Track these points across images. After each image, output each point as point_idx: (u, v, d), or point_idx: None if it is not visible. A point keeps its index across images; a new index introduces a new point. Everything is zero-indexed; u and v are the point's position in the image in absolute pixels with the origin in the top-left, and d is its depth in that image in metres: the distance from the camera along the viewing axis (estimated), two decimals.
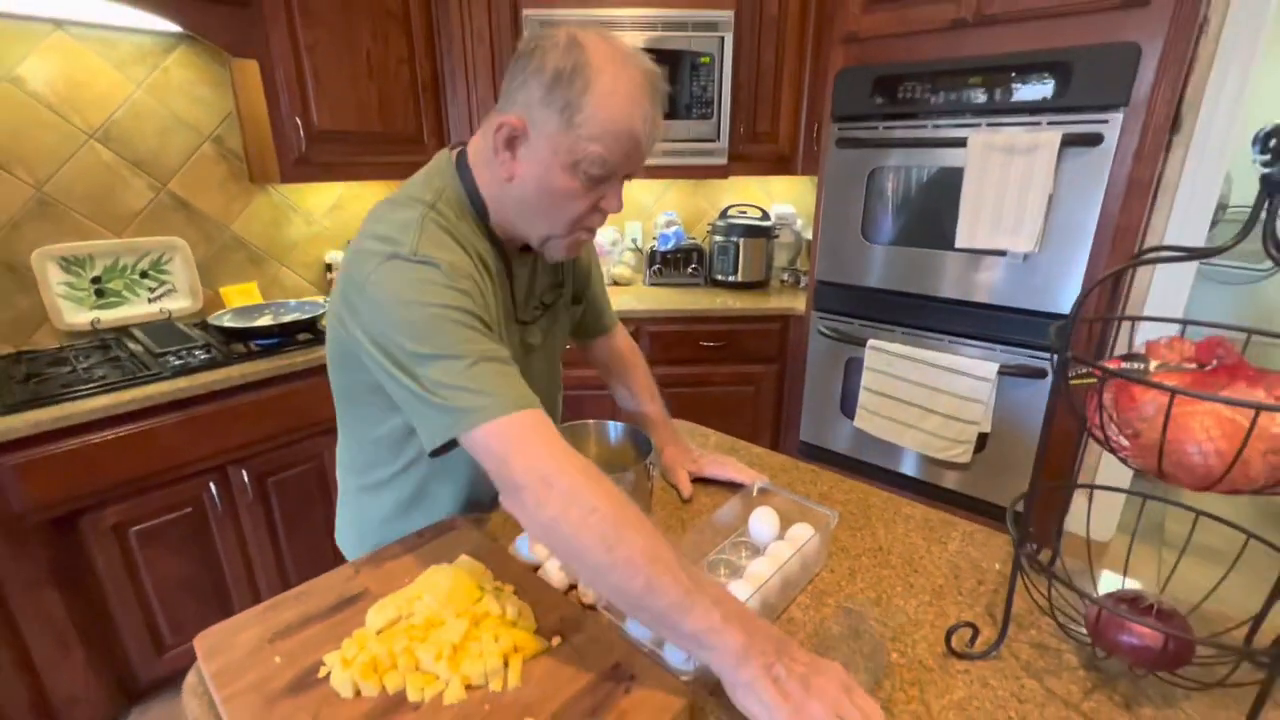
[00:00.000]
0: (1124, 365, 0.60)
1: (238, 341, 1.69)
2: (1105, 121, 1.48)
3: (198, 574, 1.62)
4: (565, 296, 0.94)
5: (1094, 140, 1.50)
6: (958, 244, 1.69)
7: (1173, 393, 0.49)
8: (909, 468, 2.01)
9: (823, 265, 2.06)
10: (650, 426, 1.03)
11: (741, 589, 0.67)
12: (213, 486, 1.58)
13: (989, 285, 1.73)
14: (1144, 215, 1.54)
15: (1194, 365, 0.57)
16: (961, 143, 1.65)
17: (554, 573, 0.74)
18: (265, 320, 1.79)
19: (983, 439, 1.81)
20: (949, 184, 1.72)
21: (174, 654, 1.61)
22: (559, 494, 0.57)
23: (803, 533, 0.78)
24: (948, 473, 1.92)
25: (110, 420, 1.38)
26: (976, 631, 0.65)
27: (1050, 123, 1.55)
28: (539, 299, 0.87)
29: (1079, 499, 2.14)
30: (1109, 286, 1.58)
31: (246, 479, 1.63)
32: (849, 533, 0.88)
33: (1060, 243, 1.60)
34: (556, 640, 0.63)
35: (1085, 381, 0.61)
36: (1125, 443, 0.57)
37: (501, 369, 0.63)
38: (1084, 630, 0.65)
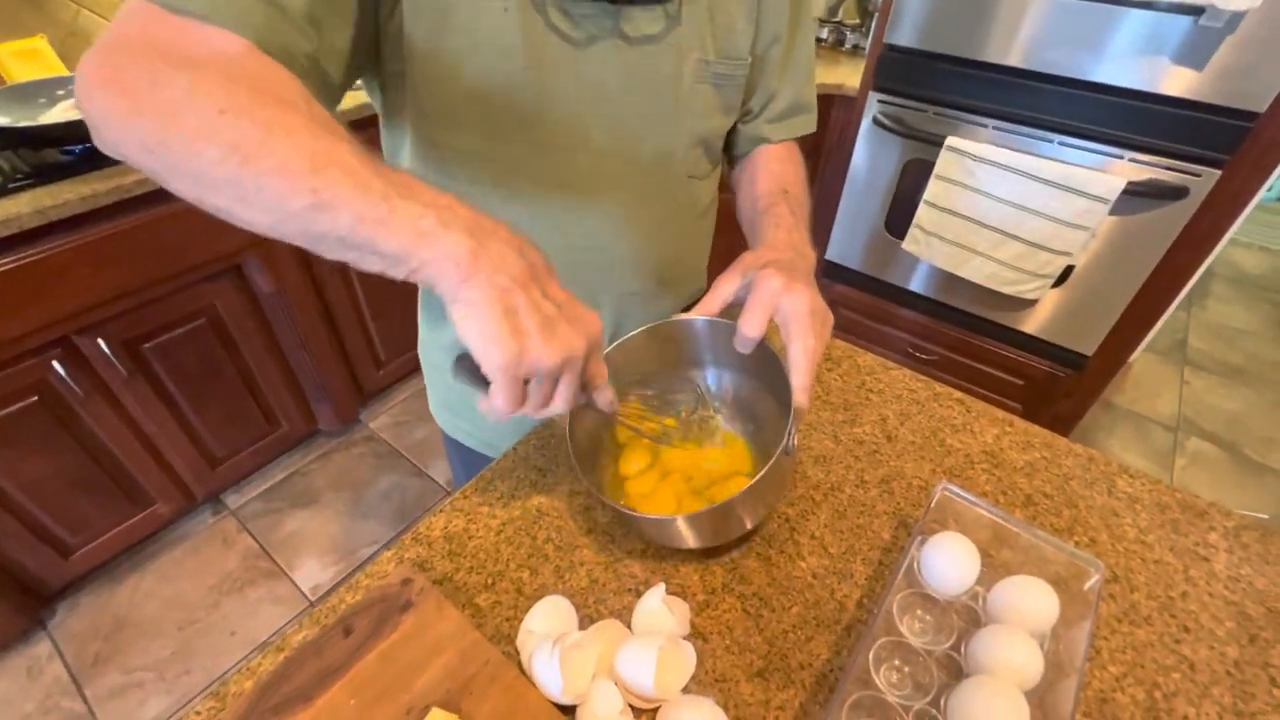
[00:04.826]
0: None
1: (26, 147, 1.08)
2: None
3: (80, 468, 1.25)
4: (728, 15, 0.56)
5: None
6: None
7: None
8: (943, 293, 1.67)
9: (899, 21, 1.44)
10: (760, 231, 0.62)
11: None
12: (58, 366, 1.13)
13: (1151, 62, 1.20)
14: None
15: None
16: None
17: (611, 717, 0.40)
18: (63, 110, 1.14)
19: (1065, 272, 1.46)
20: None
21: (84, 552, 1.33)
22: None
23: (1040, 605, 0.44)
24: (1000, 303, 1.59)
25: None
26: None
27: None
28: None
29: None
30: None
31: (108, 350, 1.18)
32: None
33: None
34: None
35: None
36: None
37: None
38: None
